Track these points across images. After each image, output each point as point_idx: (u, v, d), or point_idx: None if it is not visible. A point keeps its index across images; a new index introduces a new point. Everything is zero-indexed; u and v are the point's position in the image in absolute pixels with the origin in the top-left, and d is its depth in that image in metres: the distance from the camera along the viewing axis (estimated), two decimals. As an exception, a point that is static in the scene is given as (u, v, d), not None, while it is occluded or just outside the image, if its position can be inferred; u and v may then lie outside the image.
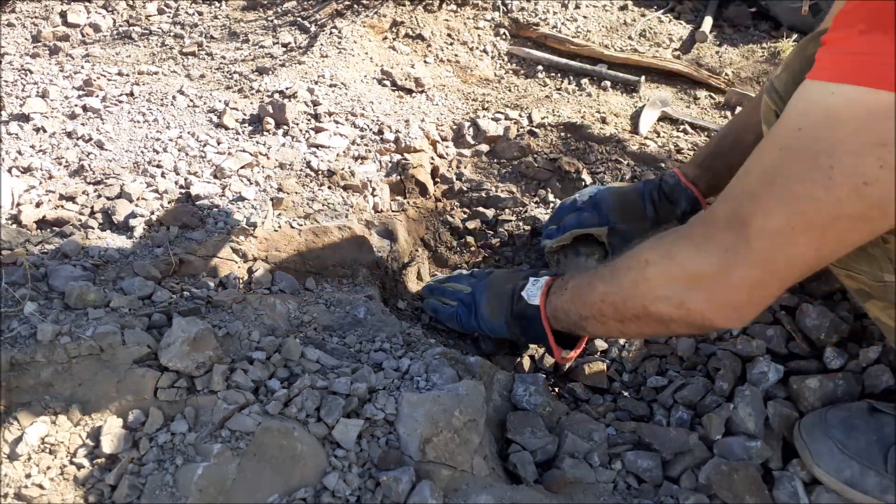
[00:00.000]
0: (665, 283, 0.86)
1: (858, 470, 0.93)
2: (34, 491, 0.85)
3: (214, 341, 1.01)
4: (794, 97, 0.74)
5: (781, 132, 0.74)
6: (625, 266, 0.94)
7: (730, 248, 0.77)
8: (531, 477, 0.99)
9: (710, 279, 0.80)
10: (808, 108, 0.70)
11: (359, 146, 1.74)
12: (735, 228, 0.76)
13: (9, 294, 1.09)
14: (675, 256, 0.84)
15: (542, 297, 1.11)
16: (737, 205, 0.77)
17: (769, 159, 0.74)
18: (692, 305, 0.84)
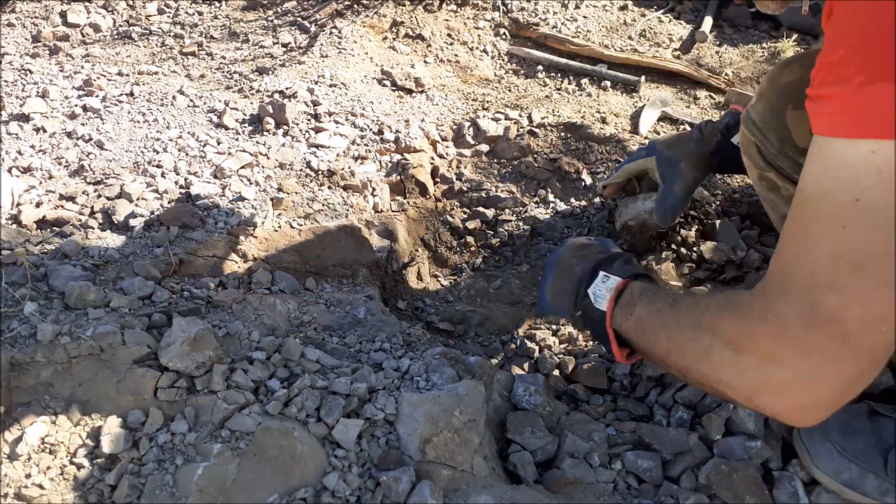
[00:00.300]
0: (733, 376, 0.77)
1: (857, 472, 0.93)
2: (34, 491, 0.85)
3: (214, 341, 1.01)
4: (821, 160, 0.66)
5: (833, 207, 0.65)
6: (687, 335, 0.83)
7: (815, 350, 0.67)
8: (531, 477, 0.99)
9: (788, 385, 0.71)
10: (854, 174, 0.63)
11: (359, 146, 1.74)
12: (822, 328, 0.66)
13: (9, 294, 1.09)
14: (742, 355, 0.74)
15: (609, 304, 1.01)
16: (812, 300, 0.66)
17: (836, 241, 0.65)
18: (762, 404, 0.75)
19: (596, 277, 1.04)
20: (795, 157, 1.01)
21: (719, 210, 1.63)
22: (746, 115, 1.05)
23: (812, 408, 0.72)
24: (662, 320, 0.89)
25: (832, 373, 0.68)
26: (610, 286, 1.01)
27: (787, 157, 1.02)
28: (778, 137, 1.03)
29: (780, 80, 1.01)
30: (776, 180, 1.07)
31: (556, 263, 1.14)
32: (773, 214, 1.17)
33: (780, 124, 1.00)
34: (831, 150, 0.64)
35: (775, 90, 1.01)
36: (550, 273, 1.14)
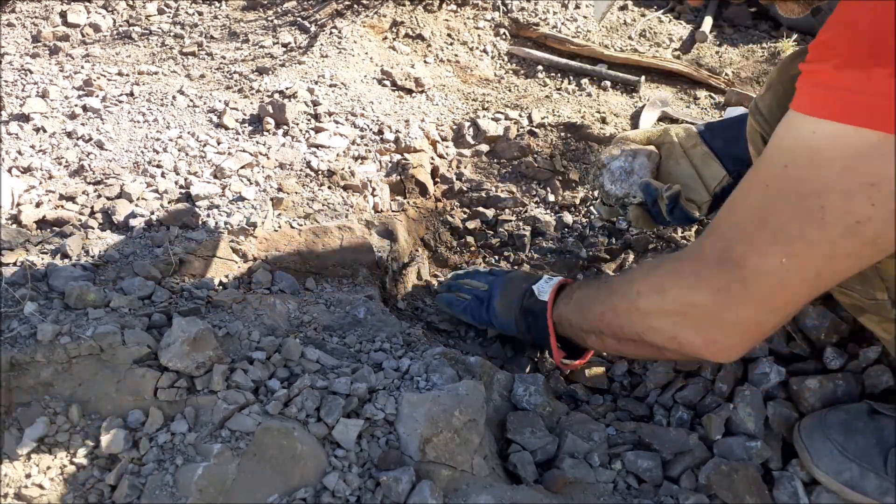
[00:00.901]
0: (657, 317, 0.86)
1: (858, 472, 0.93)
2: (34, 491, 0.85)
3: (214, 341, 1.01)
4: (778, 128, 0.73)
5: (767, 168, 0.73)
6: (619, 292, 0.94)
7: (722, 287, 0.76)
8: (531, 477, 0.99)
9: (702, 317, 0.80)
10: (793, 145, 0.69)
11: (359, 146, 1.74)
12: (728, 268, 0.75)
13: (9, 294, 1.09)
14: (665, 292, 0.84)
15: (551, 295, 1.12)
16: (727, 243, 0.76)
17: (757, 197, 0.74)
18: (684, 340, 0.84)
19: (540, 280, 1.18)
20: None
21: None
22: (754, 105, 1.07)
23: (723, 344, 0.82)
24: (597, 294, 1.01)
25: (734, 312, 0.77)
26: (553, 283, 1.15)
27: None
28: None
29: (789, 71, 1.02)
30: None
31: (505, 283, 1.25)
32: None
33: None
34: (790, 122, 0.71)
35: (783, 81, 1.02)
36: (498, 290, 1.25)
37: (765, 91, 1.06)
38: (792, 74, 1.01)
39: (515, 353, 1.35)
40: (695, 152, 1.28)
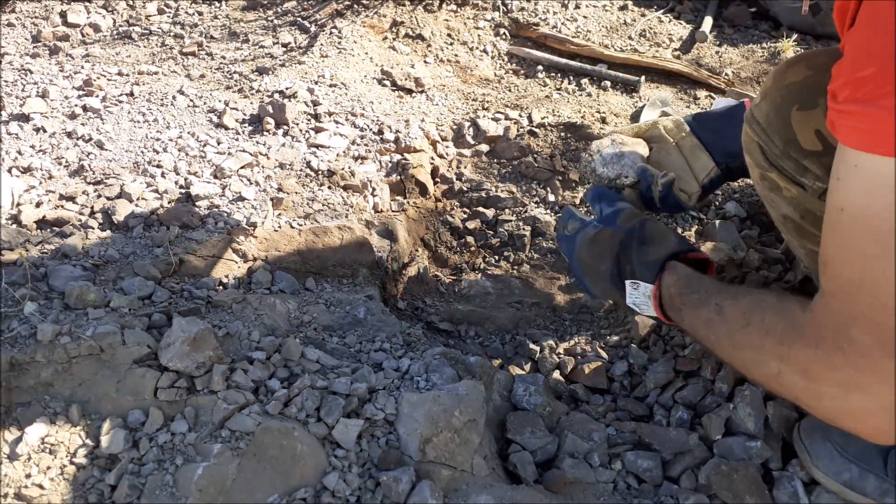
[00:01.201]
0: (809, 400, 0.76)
1: (858, 473, 0.93)
2: (34, 491, 0.85)
3: (214, 341, 1.01)
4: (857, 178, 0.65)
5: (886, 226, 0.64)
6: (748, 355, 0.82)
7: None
8: (531, 477, 0.99)
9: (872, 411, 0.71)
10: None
11: (359, 146, 1.74)
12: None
13: (9, 294, 1.09)
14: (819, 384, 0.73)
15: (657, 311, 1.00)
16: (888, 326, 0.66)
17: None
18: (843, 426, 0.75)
19: (626, 288, 1.02)
20: (799, 159, 1.00)
21: (719, 210, 1.63)
22: (750, 114, 1.05)
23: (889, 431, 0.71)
24: (716, 335, 0.88)
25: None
26: (645, 293, 1.00)
27: (790, 158, 1.01)
28: (782, 139, 1.02)
29: (785, 79, 1.00)
30: (778, 181, 1.07)
31: (581, 266, 1.12)
32: (774, 213, 1.17)
33: (785, 125, 0.99)
34: (875, 169, 0.63)
35: (780, 90, 1.00)
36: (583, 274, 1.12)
37: (760, 100, 1.04)
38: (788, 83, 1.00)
39: (515, 353, 1.36)
40: (684, 143, 1.27)
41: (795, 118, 0.99)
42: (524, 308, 1.49)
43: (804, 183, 0.99)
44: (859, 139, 0.63)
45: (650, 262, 1.00)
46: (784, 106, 1.00)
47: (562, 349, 1.34)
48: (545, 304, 1.50)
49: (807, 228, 1.02)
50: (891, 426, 0.71)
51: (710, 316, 0.88)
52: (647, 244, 1.03)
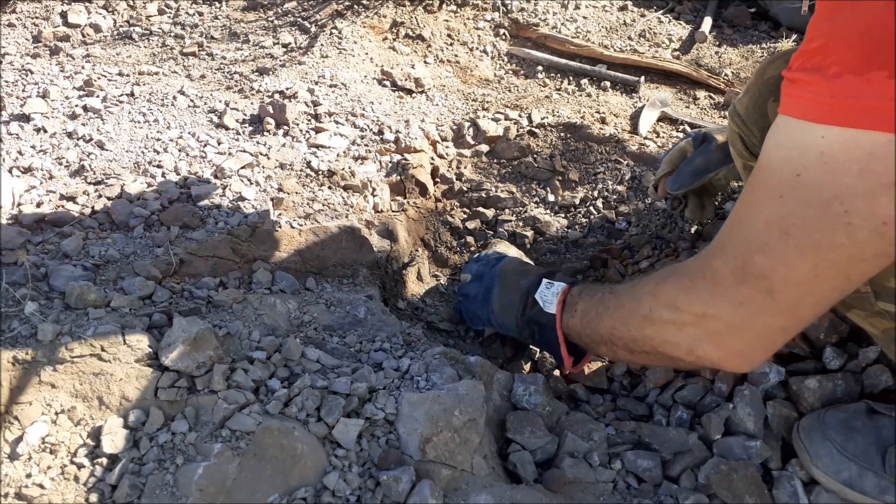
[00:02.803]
0: (674, 332, 0.86)
1: (857, 471, 0.93)
2: (35, 491, 0.85)
3: (215, 341, 1.01)
4: (776, 137, 0.73)
5: (776, 179, 0.72)
6: (629, 307, 0.94)
7: (745, 301, 0.76)
8: (531, 476, 1.00)
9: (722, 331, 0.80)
10: (801, 153, 0.69)
11: (359, 146, 1.74)
12: (750, 283, 0.75)
13: (9, 294, 1.09)
14: (679, 309, 0.84)
15: (558, 307, 1.11)
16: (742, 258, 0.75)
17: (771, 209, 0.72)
18: (702, 353, 0.84)
19: (541, 285, 1.14)
20: None
21: (719, 210, 1.64)
22: (733, 108, 1.12)
23: (745, 354, 0.82)
24: (605, 304, 1.00)
25: (760, 322, 0.77)
26: (555, 291, 1.12)
27: None
28: (759, 129, 1.07)
29: (766, 74, 1.07)
30: None
31: (499, 278, 1.23)
32: None
33: (762, 116, 1.04)
34: (789, 129, 0.70)
35: (759, 84, 1.06)
36: (495, 288, 1.23)
37: (742, 95, 1.10)
38: (767, 77, 1.05)
39: (515, 353, 1.36)
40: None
41: (771, 109, 1.04)
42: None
43: None
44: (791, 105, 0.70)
45: (571, 278, 1.19)
46: (761, 99, 1.06)
47: (562, 349, 1.34)
48: (545, 304, 1.50)
49: None
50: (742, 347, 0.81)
51: (604, 296, 1.02)
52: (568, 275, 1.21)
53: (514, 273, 1.23)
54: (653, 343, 0.90)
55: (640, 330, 0.91)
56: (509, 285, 1.21)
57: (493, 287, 1.23)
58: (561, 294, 1.11)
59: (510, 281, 1.22)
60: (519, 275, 1.22)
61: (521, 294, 1.17)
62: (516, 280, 1.21)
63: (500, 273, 1.24)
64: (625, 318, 0.94)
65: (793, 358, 1.15)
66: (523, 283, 1.18)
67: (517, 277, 1.21)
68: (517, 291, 1.18)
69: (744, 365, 0.83)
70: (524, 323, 1.16)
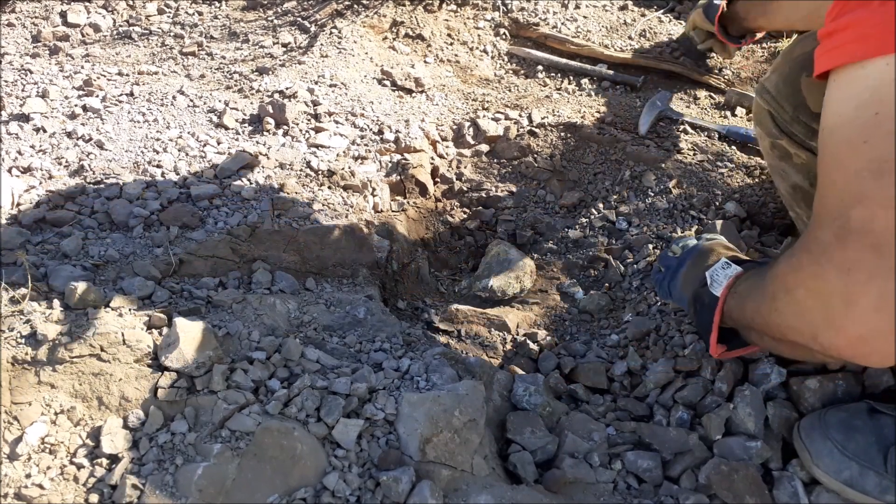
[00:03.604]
0: (795, 316, 0.77)
1: (858, 471, 0.93)
2: (34, 491, 0.85)
3: (214, 341, 1.01)
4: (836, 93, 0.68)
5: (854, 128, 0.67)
6: (761, 290, 0.86)
7: (854, 266, 0.67)
8: (531, 477, 0.99)
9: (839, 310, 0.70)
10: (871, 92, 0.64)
11: (359, 146, 1.74)
12: (853, 242, 0.67)
13: (9, 294, 1.09)
14: (792, 290, 0.77)
15: (724, 290, 1.00)
16: (840, 217, 0.68)
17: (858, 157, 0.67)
18: (825, 341, 0.74)
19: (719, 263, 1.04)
20: (809, 123, 1.03)
21: (719, 210, 1.63)
22: (761, 86, 1.09)
23: (869, 340, 0.70)
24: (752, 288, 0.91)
25: (875, 290, 0.67)
26: (729, 273, 1.01)
27: (800, 122, 1.05)
28: (791, 104, 1.05)
29: (794, 52, 1.05)
30: (788, 147, 1.10)
31: (699, 252, 1.15)
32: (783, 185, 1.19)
33: (794, 91, 1.02)
34: (849, 78, 0.66)
35: (788, 62, 1.04)
36: (690, 258, 1.15)
37: (770, 73, 1.08)
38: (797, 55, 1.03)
39: (515, 353, 1.36)
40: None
41: (805, 84, 1.02)
42: (524, 308, 1.49)
43: (814, 147, 1.02)
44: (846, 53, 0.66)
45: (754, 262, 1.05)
46: (793, 74, 1.04)
47: (562, 349, 1.34)
48: (545, 305, 1.50)
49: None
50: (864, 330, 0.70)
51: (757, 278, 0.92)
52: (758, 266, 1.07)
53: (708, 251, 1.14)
54: (781, 330, 0.82)
55: (769, 316, 0.83)
56: (700, 262, 1.13)
57: (687, 259, 1.16)
58: (732, 277, 1.00)
59: (703, 257, 1.13)
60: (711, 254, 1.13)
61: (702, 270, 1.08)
62: (707, 257, 1.12)
63: (700, 249, 1.16)
64: (758, 305, 0.86)
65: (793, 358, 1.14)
66: (711, 262, 1.09)
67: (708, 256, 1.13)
68: (704, 268, 1.09)
69: (872, 355, 0.71)
70: (692, 298, 1.08)
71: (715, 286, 1.02)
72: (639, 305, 1.40)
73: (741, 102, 2.04)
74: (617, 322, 1.41)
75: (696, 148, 1.85)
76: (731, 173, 1.75)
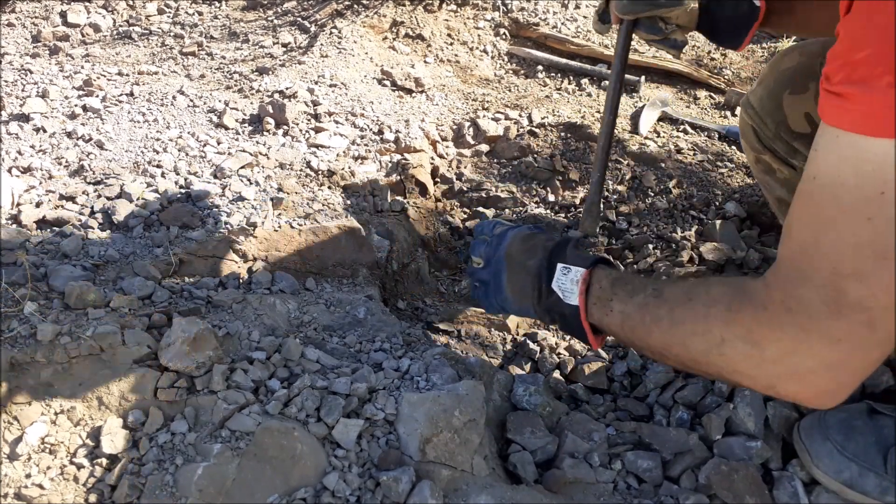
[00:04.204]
0: (751, 367, 0.76)
1: (857, 471, 0.93)
2: (34, 491, 0.85)
3: (214, 341, 1.01)
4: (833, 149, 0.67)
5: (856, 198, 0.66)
6: (691, 327, 0.82)
7: (845, 338, 0.68)
8: (531, 477, 0.99)
9: (815, 371, 0.71)
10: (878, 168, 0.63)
11: (359, 146, 1.74)
12: (848, 316, 0.67)
13: (9, 294, 1.09)
14: (762, 346, 0.74)
15: (580, 298, 0.97)
16: (835, 288, 0.67)
17: (858, 231, 0.66)
18: (784, 391, 0.75)
19: (555, 271, 1.00)
20: (790, 141, 1.03)
21: (719, 210, 1.64)
22: (746, 99, 1.09)
23: (836, 392, 0.73)
24: (653, 315, 0.87)
25: (859, 358, 0.69)
26: (574, 278, 0.98)
27: (781, 140, 1.05)
28: (774, 121, 1.05)
29: (780, 66, 1.05)
30: (771, 162, 1.10)
31: (507, 263, 1.10)
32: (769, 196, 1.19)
33: (777, 108, 1.03)
34: (853, 143, 0.65)
35: (773, 75, 1.04)
36: (503, 274, 1.11)
37: (756, 85, 1.08)
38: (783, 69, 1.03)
39: (515, 353, 1.36)
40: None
41: (787, 101, 1.03)
42: (524, 308, 1.49)
43: (795, 164, 1.03)
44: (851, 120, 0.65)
45: (584, 256, 1.00)
46: (777, 90, 1.04)
47: (562, 349, 1.34)
48: (545, 304, 1.50)
49: None
50: (833, 387, 0.73)
51: (647, 300, 0.88)
52: (579, 248, 1.03)
53: (520, 254, 1.09)
54: (720, 371, 0.80)
55: (706, 356, 0.80)
56: (518, 269, 1.09)
57: (502, 273, 1.11)
58: (581, 283, 0.97)
59: (518, 264, 1.09)
60: (525, 254, 1.08)
61: (532, 278, 1.05)
62: (523, 262, 1.08)
63: (507, 257, 1.11)
64: (685, 340, 0.83)
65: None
66: (532, 265, 1.05)
67: (524, 258, 1.08)
68: (528, 275, 1.06)
69: (830, 402, 0.75)
70: (543, 311, 1.04)
71: (568, 296, 0.98)
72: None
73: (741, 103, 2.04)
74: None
75: (696, 148, 1.85)
76: (731, 173, 1.75)
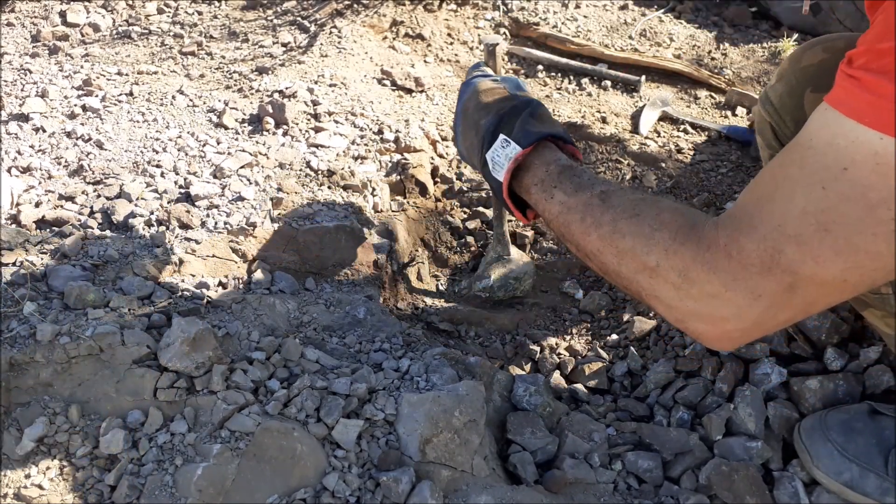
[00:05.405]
0: (672, 296, 0.77)
1: (858, 472, 0.93)
2: (34, 491, 0.85)
3: (214, 341, 1.01)
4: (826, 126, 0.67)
5: (819, 165, 0.67)
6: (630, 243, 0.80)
7: (765, 294, 0.70)
8: (531, 477, 0.99)
9: (727, 318, 0.73)
10: (852, 146, 0.64)
11: (359, 146, 1.74)
12: (775, 275, 0.68)
13: (8, 294, 1.09)
14: (691, 281, 0.74)
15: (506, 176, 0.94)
16: (774, 246, 0.69)
17: (812, 199, 0.66)
18: (692, 328, 0.77)
19: (496, 141, 0.96)
20: None
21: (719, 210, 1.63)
22: (765, 94, 1.06)
23: (737, 340, 0.76)
24: (595, 219, 0.85)
25: (770, 317, 0.72)
26: (509, 154, 0.94)
27: None
28: (794, 120, 1.03)
29: (802, 62, 1.01)
30: None
31: (463, 112, 1.06)
32: None
33: (797, 107, 1.00)
34: (841, 122, 0.65)
35: (795, 72, 1.01)
36: (459, 122, 1.07)
37: (775, 81, 1.05)
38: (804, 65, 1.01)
39: (516, 353, 1.35)
40: None
41: (808, 100, 1.00)
42: (524, 308, 1.49)
43: None
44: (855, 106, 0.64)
45: (532, 131, 0.94)
46: (798, 88, 1.01)
47: (562, 349, 1.34)
48: (545, 305, 1.50)
49: None
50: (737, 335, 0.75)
51: (592, 200, 0.86)
52: (536, 119, 0.98)
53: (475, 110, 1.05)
54: (639, 290, 0.81)
55: (635, 274, 0.80)
56: (470, 126, 1.05)
57: (458, 125, 1.08)
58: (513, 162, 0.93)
59: (471, 120, 1.05)
60: (479, 112, 1.04)
61: (479, 137, 1.00)
62: (476, 120, 1.03)
63: (463, 111, 1.08)
64: (621, 254, 0.82)
65: (794, 358, 1.14)
66: (483, 125, 1.00)
67: (477, 116, 1.03)
68: (476, 135, 1.02)
69: (728, 347, 0.78)
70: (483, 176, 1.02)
71: (497, 169, 0.95)
72: (639, 305, 1.40)
73: (741, 102, 2.04)
74: (617, 322, 1.41)
75: (696, 148, 1.85)
76: (731, 173, 1.75)
